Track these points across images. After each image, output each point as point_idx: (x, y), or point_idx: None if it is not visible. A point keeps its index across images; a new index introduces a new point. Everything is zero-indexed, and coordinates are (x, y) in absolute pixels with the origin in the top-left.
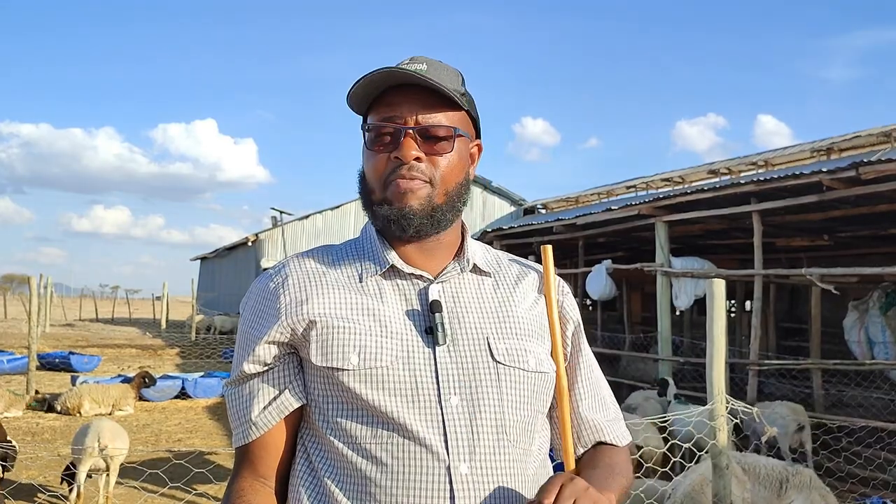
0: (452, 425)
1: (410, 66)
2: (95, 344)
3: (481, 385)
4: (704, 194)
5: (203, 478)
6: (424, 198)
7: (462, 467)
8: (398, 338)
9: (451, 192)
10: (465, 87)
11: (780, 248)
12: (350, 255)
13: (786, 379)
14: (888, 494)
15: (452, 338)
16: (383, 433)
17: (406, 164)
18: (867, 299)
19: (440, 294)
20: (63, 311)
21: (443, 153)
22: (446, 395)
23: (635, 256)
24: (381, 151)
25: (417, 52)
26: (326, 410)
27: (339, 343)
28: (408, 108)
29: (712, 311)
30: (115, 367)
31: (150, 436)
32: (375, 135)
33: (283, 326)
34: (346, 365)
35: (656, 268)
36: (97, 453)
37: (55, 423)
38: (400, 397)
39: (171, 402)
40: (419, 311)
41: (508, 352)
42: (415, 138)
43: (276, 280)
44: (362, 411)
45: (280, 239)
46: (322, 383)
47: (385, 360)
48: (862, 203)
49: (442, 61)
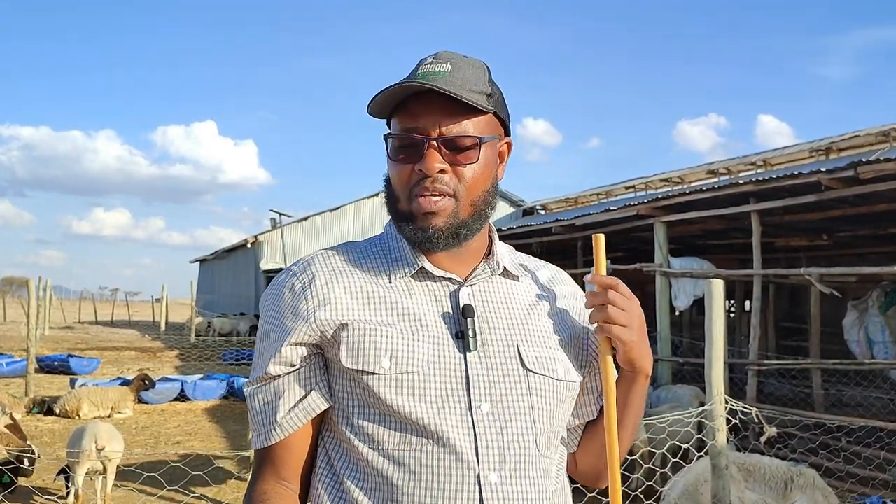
0: (483, 433)
1: (434, 68)
2: (95, 346)
3: (512, 393)
4: (703, 194)
5: (201, 480)
6: (449, 215)
7: (492, 476)
8: (430, 341)
9: (478, 201)
10: (491, 84)
11: (780, 248)
12: (377, 255)
13: (785, 379)
14: (888, 494)
15: (483, 343)
16: (412, 439)
17: (430, 177)
18: (866, 299)
19: (470, 298)
20: (62, 313)
21: (468, 163)
22: (477, 402)
23: (634, 257)
24: (405, 162)
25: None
26: (351, 414)
27: (370, 346)
28: (431, 118)
29: (711, 312)
30: (114, 370)
31: (148, 438)
32: (399, 145)
33: (312, 328)
34: (378, 369)
35: (655, 268)
36: (94, 455)
37: (54, 425)
38: (430, 404)
39: (170, 405)
40: (450, 314)
41: (539, 360)
42: (439, 149)
43: (302, 278)
44: (390, 416)
45: (279, 241)
46: (349, 386)
47: (417, 365)
48: (860, 202)
49: (467, 56)
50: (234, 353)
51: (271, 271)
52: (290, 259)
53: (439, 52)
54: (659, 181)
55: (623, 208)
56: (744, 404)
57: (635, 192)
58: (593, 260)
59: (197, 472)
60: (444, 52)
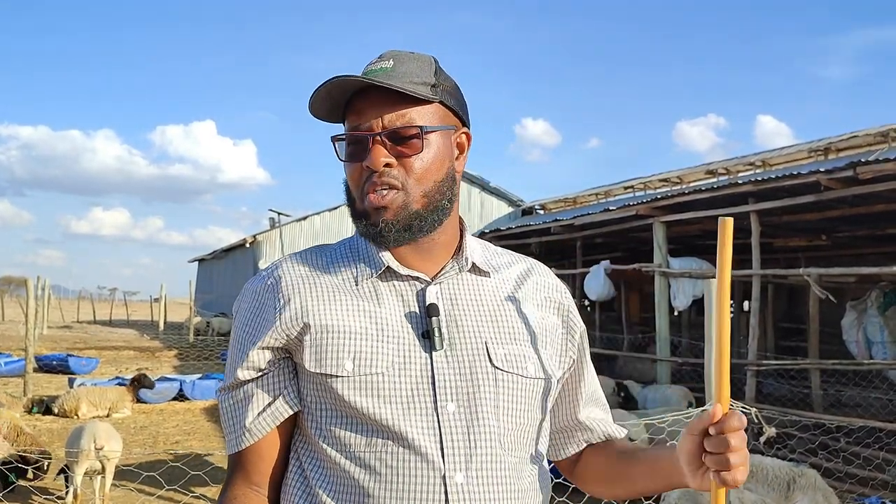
0: (449, 433)
1: (376, 66)
2: (93, 346)
3: (479, 392)
4: (702, 194)
5: (200, 480)
6: (399, 207)
7: (458, 476)
8: (394, 342)
9: (431, 192)
10: (438, 75)
11: (779, 248)
12: (345, 256)
13: (784, 379)
14: (887, 494)
15: (450, 342)
16: (377, 441)
17: (377, 172)
18: (865, 299)
19: (437, 296)
20: (61, 312)
21: (413, 154)
22: (443, 402)
23: (633, 257)
24: (354, 160)
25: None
26: (319, 417)
27: (333, 348)
28: (373, 112)
29: (710, 312)
30: (112, 369)
31: (147, 438)
32: (346, 144)
33: (278, 331)
34: (341, 371)
35: (654, 268)
36: (93, 455)
37: (52, 425)
38: (395, 405)
39: (168, 404)
40: (416, 313)
41: (507, 357)
42: (383, 143)
43: (268, 282)
44: (356, 419)
45: (278, 240)
46: (315, 390)
47: (381, 366)
48: (859, 203)
49: (414, 52)
50: None
51: None
52: None
53: (386, 51)
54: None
55: (622, 208)
56: (743, 404)
57: (634, 192)
58: (717, 250)
59: (196, 471)
60: (389, 51)
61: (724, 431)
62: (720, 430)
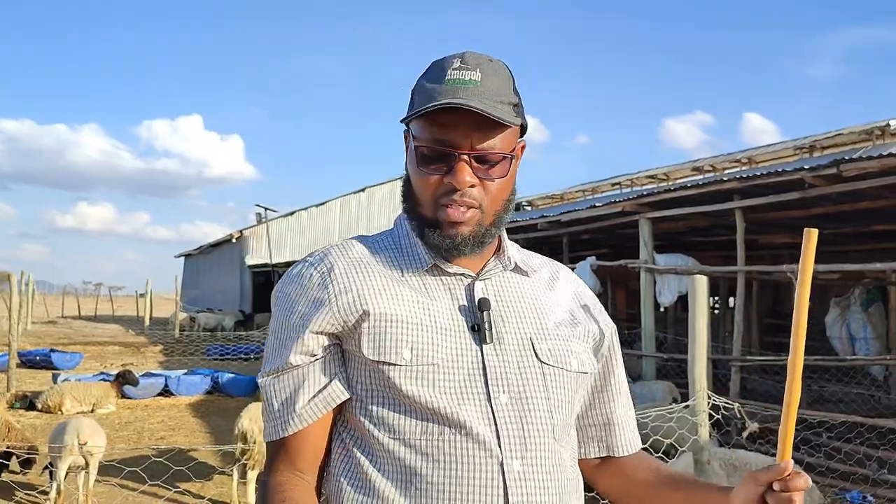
0: (504, 423)
1: (463, 75)
2: (78, 341)
3: (528, 384)
4: (688, 191)
5: (185, 475)
6: (476, 224)
7: (515, 464)
8: (448, 334)
9: (500, 210)
10: (516, 91)
11: (764, 245)
12: (389, 249)
13: (768, 375)
14: (868, 489)
15: (498, 336)
16: (433, 428)
17: (459, 191)
18: (849, 296)
19: (484, 292)
20: (45, 308)
21: (497, 178)
22: (495, 393)
23: (620, 253)
24: (433, 172)
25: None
26: (369, 404)
27: (391, 337)
28: (463, 132)
29: (694, 308)
30: (97, 365)
31: (132, 434)
32: (427, 154)
33: (336, 317)
34: (399, 360)
35: (640, 264)
36: (76, 451)
37: (36, 420)
38: (451, 394)
39: (153, 400)
40: (466, 307)
41: (552, 352)
42: (469, 163)
43: (320, 268)
44: (410, 407)
45: (265, 236)
46: (368, 377)
47: (437, 356)
48: (843, 200)
49: (491, 59)
50: (218, 348)
51: (256, 266)
52: (275, 254)
53: (464, 54)
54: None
55: (608, 205)
56: (726, 399)
57: (621, 188)
58: (800, 259)
59: (178, 466)
60: (468, 54)
61: (790, 490)
62: (786, 487)
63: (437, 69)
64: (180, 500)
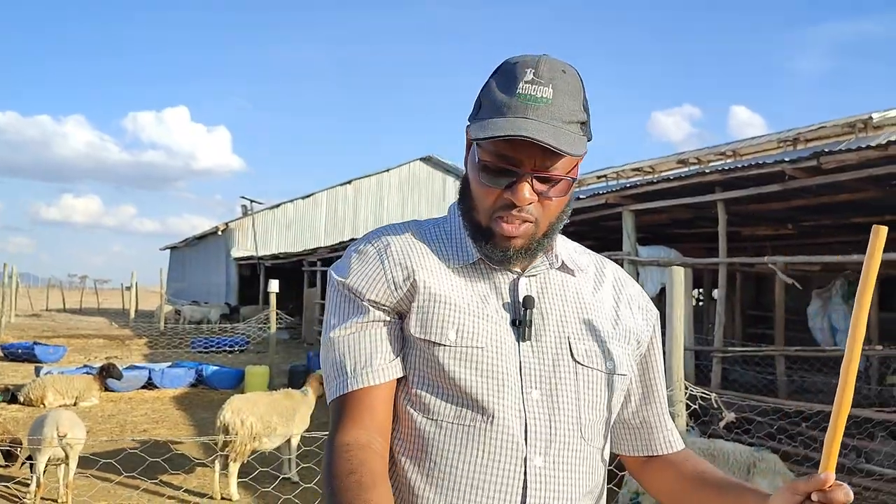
0: (533, 418)
1: (535, 92)
2: (62, 334)
3: (560, 383)
4: (670, 184)
5: (167, 467)
6: (529, 238)
7: (537, 460)
8: (491, 322)
9: (554, 223)
10: (586, 105)
11: (747, 237)
12: (441, 238)
13: (749, 366)
14: (842, 477)
15: (536, 334)
16: (467, 414)
17: (517, 207)
18: (830, 287)
19: (528, 289)
20: (30, 301)
21: (556, 197)
22: (528, 389)
23: (604, 245)
24: (493, 184)
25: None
26: (411, 383)
27: (438, 316)
28: (528, 153)
29: (672, 298)
30: (81, 358)
31: (115, 426)
32: (491, 169)
33: (388, 289)
34: (444, 340)
35: (623, 256)
36: (56, 443)
37: (18, 414)
38: (491, 381)
39: (137, 393)
40: (509, 303)
41: (588, 353)
42: (531, 183)
43: (376, 245)
44: (450, 390)
45: (250, 228)
46: (416, 356)
47: (482, 341)
48: (823, 192)
49: (565, 69)
50: (203, 341)
51: (242, 259)
52: (261, 247)
53: (538, 63)
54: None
55: (591, 197)
56: (703, 389)
57: (607, 181)
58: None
59: (162, 459)
60: (543, 64)
61: (830, 502)
62: (826, 499)
63: (509, 77)
64: (159, 491)
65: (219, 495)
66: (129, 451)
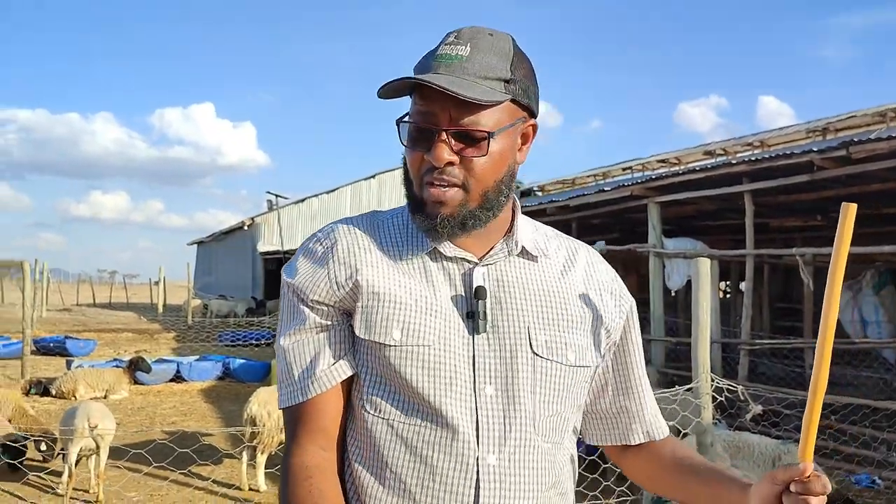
0: (485, 415)
1: (451, 50)
2: (92, 328)
3: (517, 377)
4: (696, 175)
5: (194, 458)
6: (458, 205)
7: (490, 458)
8: (441, 317)
9: (488, 191)
10: (514, 67)
11: (775, 229)
12: (396, 229)
13: (777, 358)
14: (875, 471)
15: (493, 325)
16: (417, 414)
17: (438, 168)
18: (860, 279)
19: (485, 278)
20: (60, 296)
21: (476, 156)
22: (481, 384)
23: (629, 238)
24: (416, 149)
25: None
26: (364, 381)
27: (382, 316)
28: (441, 106)
29: (698, 291)
30: (110, 352)
31: (144, 419)
32: (413, 132)
33: (333, 290)
34: (389, 340)
35: (648, 248)
36: (87, 433)
37: (50, 406)
38: (439, 379)
39: (165, 386)
40: (462, 295)
41: (548, 344)
42: (447, 141)
43: (324, 243)
44: (399, 389)
45: (276, 223)
46: (365, 355)
47: (428, 338)
48: (853, 183)
49: (494, 33)
50: (230, 335)
51: (268, 253)
52: (286, 241)
53: (464, 29)
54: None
55: (617, 189)
56: (729, 382)
57: (632, 173)
58: (836, 237)
59: (191, 450)
60: (468, 29)
61: (807, 493)
62: (804, 490)
63: (438, 43)
64: (188, 482)
65: (246, 486)
66: (158, 441)
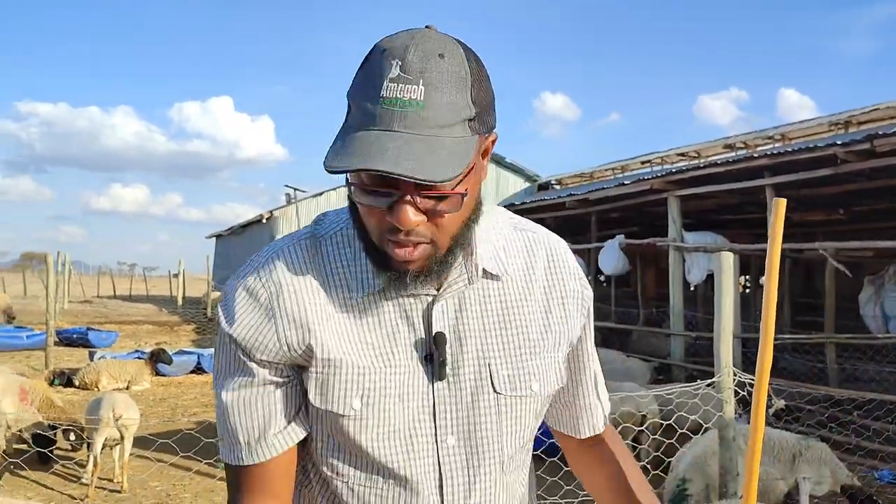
0: (448, 470)
1: (402, 94)
2: (113, 320)
3: (479, 421)
4: (717, 168)
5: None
6: (427, 258)
7: None
8: (399, 370)
9: (457, 235)
10: (474, 93)
11: (796, 223)
12: (343, 259)
13: (799, 353)
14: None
15: (453, 368)
16: (377, 478)
17: (404, 231)
18: (883, 274)
19: (443, 312)
20: (82, 288)
21: (447, 213)
22: (442, 436)
23: (650, 231)
24: (373, 205)
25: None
26: (320, 445)
27: (339, 385)
28: None
29: (720, 285)
30: (132, 343)
31: (166, 409)
32: (366, 191)
33: (283, 351)
34: (347, 411)
35: (668, 242)
36: (111, 423)
37: (73, 397)
38: (398, 440)
39: (186, 377)
40: (422, 337)
41: (510, 379)
42: (413, 202)
43: (268, 287)
44: (357, 454)
45: (294, 216)
46: (317, 419)
47: (388, 402)
48: (877, 176)
49: (443, 50)
50: None
51: None
52: None
53: (409, 56)
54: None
55: (636, 182)
56: (751, 377)
57: (651, 166)
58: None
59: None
60: (414, 55)
61: None
62: None
63: (374, 72)
64: (212, 473)
65: None
66: (185, 431)
